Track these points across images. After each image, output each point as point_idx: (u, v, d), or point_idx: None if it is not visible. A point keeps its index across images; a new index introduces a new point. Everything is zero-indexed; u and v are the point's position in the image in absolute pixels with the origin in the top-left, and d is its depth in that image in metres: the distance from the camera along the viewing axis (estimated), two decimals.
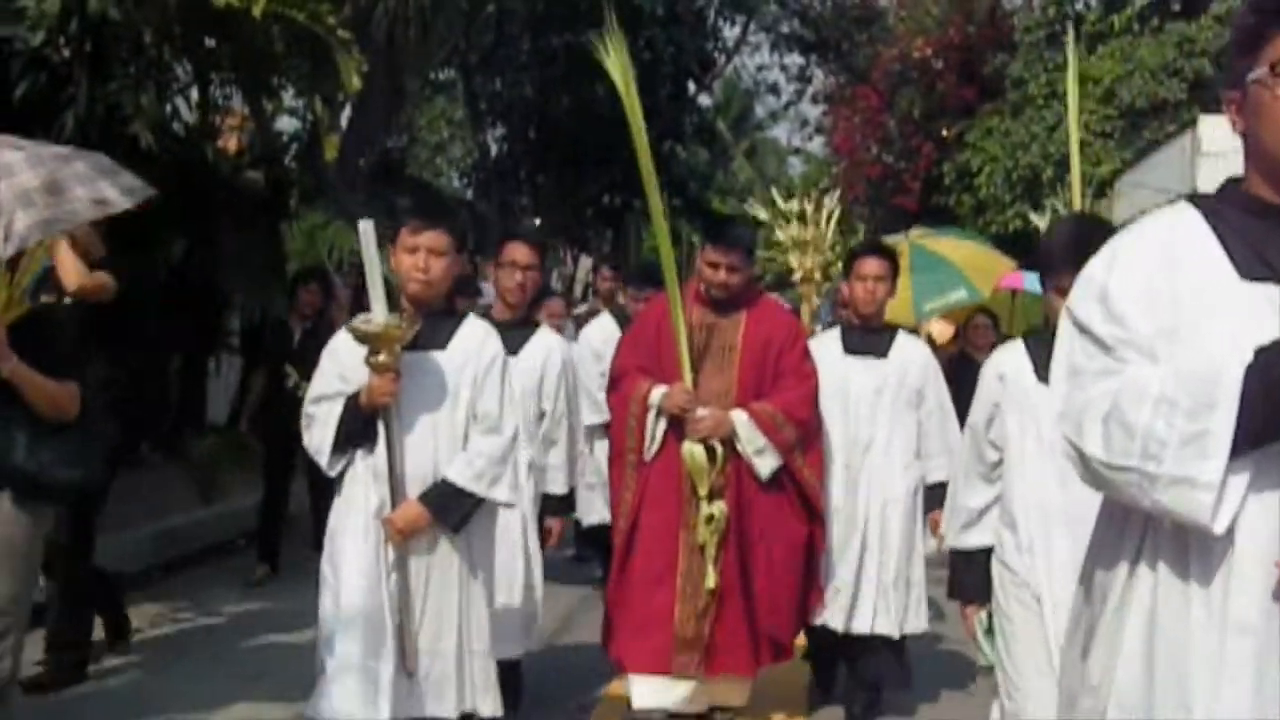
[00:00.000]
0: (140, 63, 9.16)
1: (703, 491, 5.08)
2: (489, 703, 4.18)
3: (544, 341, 5.53)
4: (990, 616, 3.91)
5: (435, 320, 4.17)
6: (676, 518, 5.16)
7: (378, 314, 3.94)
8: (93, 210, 4.88)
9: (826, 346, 5.65)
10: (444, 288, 4.19)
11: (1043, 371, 3.60)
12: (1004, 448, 3.89)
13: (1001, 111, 19.86)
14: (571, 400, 5.55)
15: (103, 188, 4.89)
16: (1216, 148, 14.87)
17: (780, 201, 7.38)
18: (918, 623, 5.61)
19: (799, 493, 5.25)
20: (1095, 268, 2.21)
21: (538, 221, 23.52)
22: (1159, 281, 2.11)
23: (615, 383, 5.39)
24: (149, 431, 10.72)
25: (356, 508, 4.09)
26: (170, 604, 7.34)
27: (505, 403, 4.17)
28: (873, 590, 5.45)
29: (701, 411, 5.08)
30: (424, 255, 4.07)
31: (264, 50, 9.99)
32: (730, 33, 26.34)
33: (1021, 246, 13.02)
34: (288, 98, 13.87)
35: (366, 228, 3.92)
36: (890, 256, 5.68)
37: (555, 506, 5.57)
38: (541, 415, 5.48)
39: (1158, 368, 2.05)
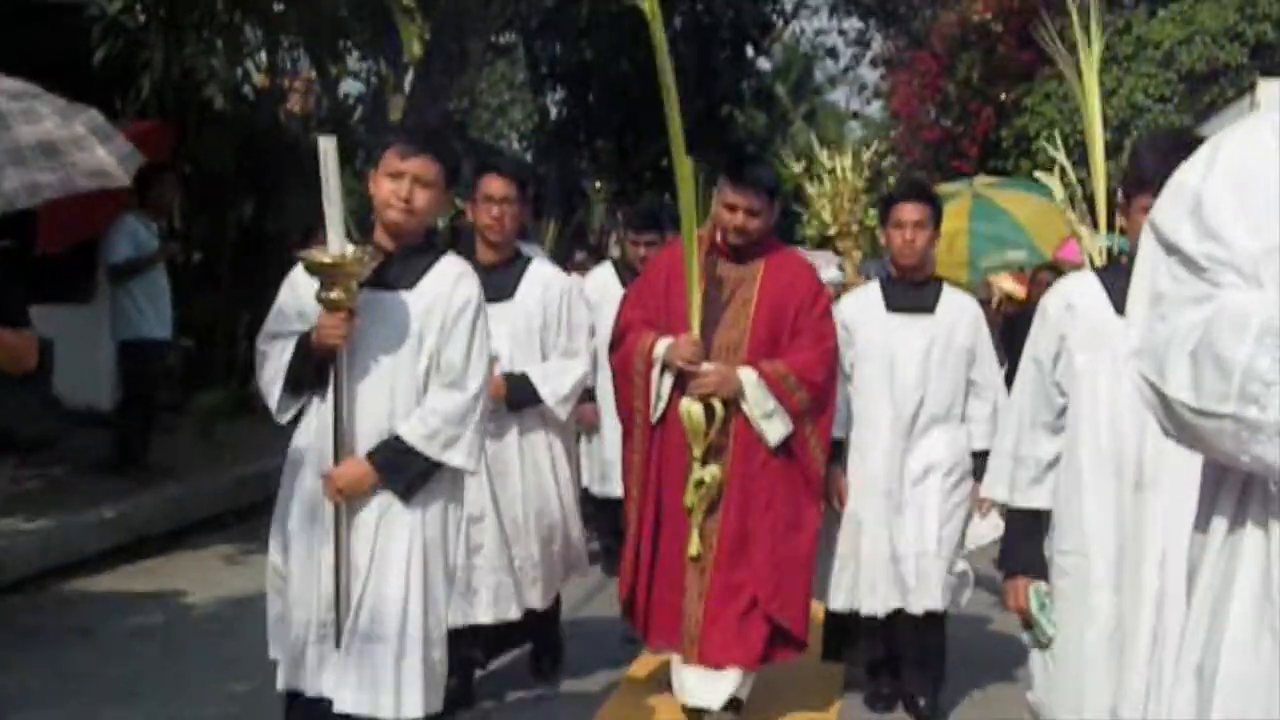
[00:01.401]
0: (213, 28, 9.47)
1: (697, 453, 4.65)
2: (414, 702, 3.65)
3: (539, 275, 5.14)
4: (1048, 593, 3.37)
5: (407, 256, 3.72)
6: (684, 483, 4.73)
7: (333, 244, 3.51)
8: (89, 181, 4.85)
9: (867, 303, 5.19)
10: (425, 222, 3.77)
11: (1121, 303, 3.07)
12: (1070, 392, 3.32)
13: (1060, 76, 19.78)
14: (575, 330, 5.15)
15: (101, 156, 4.78)
16: (1275, 111, 14.87)
17: (822, 156, 7.11)
18: (961, 598, 5.16)
19: (804, 464, 4.79)
20: (1188, 172, 1.79)
21: (598, 185, 23.74)
22: (1270, 188, 1.70)
23: (620, 338, 4.92)
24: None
25: (307, 463, 3.72)
26: (244, 546, 7.68)
27: (473, 356, 3.71)
28: (913, 565, 4.98)
29: (706, 366, 4.64)
30: (409, 183, 3.62)
31: (330, 15, 10.30)
32: None
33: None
34: (352, 61, 14.19)
35: (328, 145, 3.54)
36: (931, 199, 5.13)
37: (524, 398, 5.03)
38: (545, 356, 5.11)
39: (1263, 293, 1.66)
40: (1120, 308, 3.06)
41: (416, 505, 3.67)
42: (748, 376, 4.65)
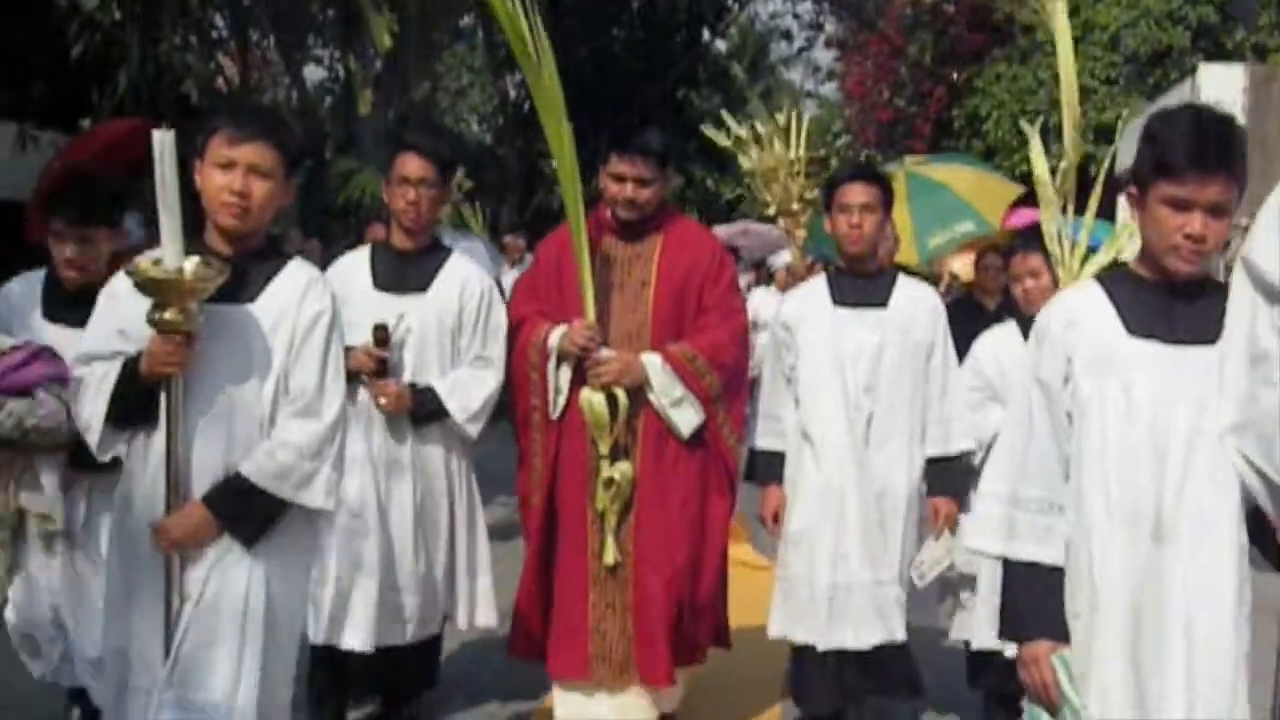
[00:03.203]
0: (187, 24, 9.76)
1: (604, 450, 4.22)
2: None
3: (458, 271, 4.61)
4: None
5: (246, 262, 3.16)
6: (587, 486, 4.31)
7: (170, 256, 2.95)
8: None
9: (811, 298, 4.62)
10: (265, 219, 3.19)
11: (1133, 320, 2.68)
12: (1076, 424, 2.76)
13: (1010, 57, 20.27)
14: (491, 337, 4.60)
15: None
16: (1215, 96, 15.38)
17: (735, 126, 6.29)
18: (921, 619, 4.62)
19: (717, 454, 4.39)
20: None
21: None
22: None
23: (512, 333, 4.48)
24: None
25: (132, 506, 3.17)
26: None
27: (328, 378, 3.20)
28: (874, 593, 4.39)
29: (606, 353, 4.22)
30: (242, 174, 3.08)
31: (299, 9, 10.59)
32: None
33: (1030, 190, 12.56)
34: (315, 48, 14.43)
35: (164, 139, 2.93)
36: (879, 180, 4.59)
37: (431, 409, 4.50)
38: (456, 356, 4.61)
39: None
40: (1131, 326, 2.66)
41: (259, 555, 3.14)
42: (651, 361, 4.24)
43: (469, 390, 4.50)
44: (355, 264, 4.59)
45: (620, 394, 4.22)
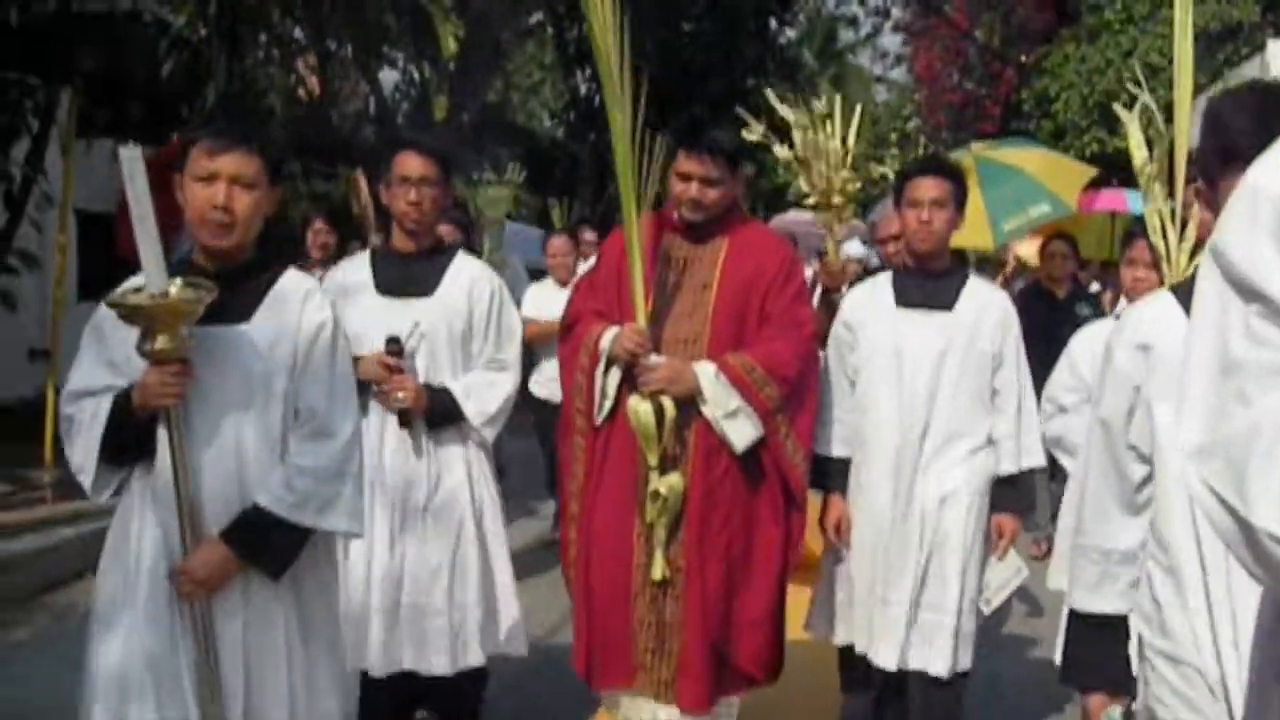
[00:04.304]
0: (270, 39, 10.19)
1: (652, 461, 3.97)
2: None
3: (465, 271, 4.44)
4: (1128, 715, 2.59)
5: (235, 278, 3.00)
6: (633, 497, 4.07)
7: (153, 280, 2.78)
8: None
9: (875, 298, 4.43)
10: (252, 232, 3.04)
11: None
12: (1155, 456, 2.44)
13: (1078, 37, 20.24)
14: (505, 339, 4.48)
15: None
16: None
17: (782, 108, 5.54)
18: (966, 659, 4.32)
19: (780, 474, 4.10)
20: (1266, 173, 1.24)
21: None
22: None
23: (567, 330, 4.28)
24: None
25: (132, 547, 2.97)
26: None
27: (339, 393, 3.06)
28: (927, 615, 4.24)
29: (655, 359, 3.98)
30: (225, 186, 2.94)
31: (373, 20, 11.01)
32: None
33: (1103, 171, 12.10)
34: (390, 55, 14.87)
35: (130, 156, 2.76)
36: (953, 175, 4.36)
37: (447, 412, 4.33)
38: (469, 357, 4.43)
39: None
40: None
41: (287, 586, 3.03)
42: (704, 371, 3.99)
43: (485, 393, 4.35)
44: (354, 270, 4.41)
45: (667, 403, 3.97)
